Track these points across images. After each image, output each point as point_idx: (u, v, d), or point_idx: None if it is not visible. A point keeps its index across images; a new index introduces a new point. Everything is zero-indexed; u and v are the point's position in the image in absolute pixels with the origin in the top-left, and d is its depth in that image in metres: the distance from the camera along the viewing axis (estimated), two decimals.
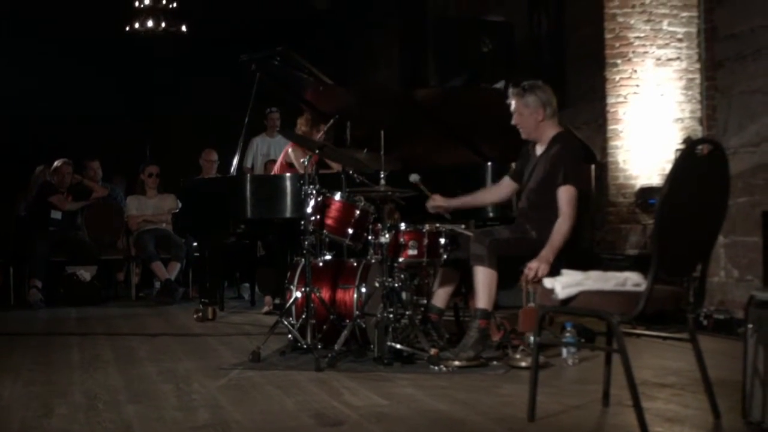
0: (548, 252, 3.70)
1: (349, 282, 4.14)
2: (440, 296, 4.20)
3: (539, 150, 4.01)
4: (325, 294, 4.13)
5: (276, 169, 5.99)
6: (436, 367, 3.66)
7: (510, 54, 7.12)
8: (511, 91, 3.99)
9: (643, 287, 2.64)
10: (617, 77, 6.14)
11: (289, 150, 5.78)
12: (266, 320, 5.50)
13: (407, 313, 3.92)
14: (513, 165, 4.21)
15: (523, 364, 3.62)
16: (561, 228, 3.76)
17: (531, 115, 3.94)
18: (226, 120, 6.71)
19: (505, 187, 4.23)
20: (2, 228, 7.70)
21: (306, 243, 4.02)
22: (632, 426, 2.60)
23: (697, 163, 2.67)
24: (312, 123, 5.54)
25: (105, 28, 9.06)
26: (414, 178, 4.13)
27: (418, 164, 4.85)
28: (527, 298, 3.69)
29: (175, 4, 9.18)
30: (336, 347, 3.86)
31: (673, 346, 4.08)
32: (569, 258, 3.59)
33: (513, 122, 4.00)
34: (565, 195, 3.80)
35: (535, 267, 3.62)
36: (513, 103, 3.98)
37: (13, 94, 8.77)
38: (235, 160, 5.69)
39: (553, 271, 3.37)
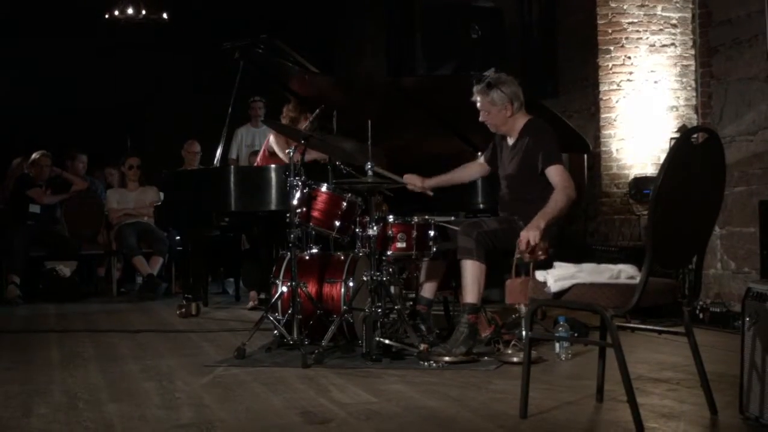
0: (539, 219, 3.54)
1: (336, 276, 4.08)
2: (428, 287, 4.16)
3: (510, 141, 3.95)
4: (312, 288, 4.07)
5: (259, 159, 5.89)
6: (426, 363, 3.61)
7: (500, 41, 7.04)
8: (475, 88, 3.87)
9: (637, 280, 2.59)
10: (610, 64, 6.07)
11: (271, 139, 5.68)
12: (251, 316, 5.45)
13: (396, 307, 3.85)
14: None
15: (515, 359, 3.57)
16: (556, 197, 3.66)
17: (499, 112, 3.85)
18: (210, 110, 6.60)
19: (480, 167, 4.19)
20: None
21: (292, 236, 3.95)
22: (627, 422, 2.56)
23: (693, 152, 2.62)
24: (300, 110, 5.45)
25: (84, 15, 8.88)
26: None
27: (407, 154, 4.80)
28: (516, 270, 3.58)
29: None
30: (323, 343, 3.79)
31: (669, 340, 4.02)
32: (561, 250, 3.52)
33: (480, 119, 3.90)
34: (555, 173, 3.74)
35: (525, 236, 3.46)
36: (478, 100, 3.87)
37: None
38: (219, 151, 5.60)
39: (546, 264, 3.30)
